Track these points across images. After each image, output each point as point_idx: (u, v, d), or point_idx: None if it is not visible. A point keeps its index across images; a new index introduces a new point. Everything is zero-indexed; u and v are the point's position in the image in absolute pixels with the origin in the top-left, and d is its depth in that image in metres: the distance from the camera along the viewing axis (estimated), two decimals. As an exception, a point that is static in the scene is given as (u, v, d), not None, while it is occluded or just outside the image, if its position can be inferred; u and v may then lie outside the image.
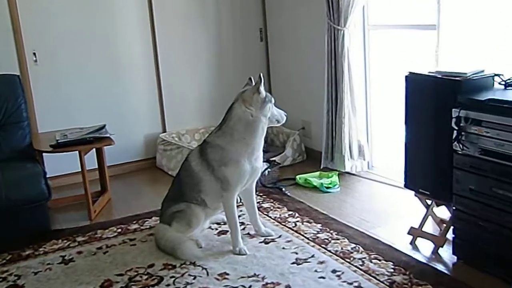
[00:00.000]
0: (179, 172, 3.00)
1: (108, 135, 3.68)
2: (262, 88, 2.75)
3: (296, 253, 2.85)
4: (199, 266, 2.77)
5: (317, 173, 4.13)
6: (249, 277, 2.63)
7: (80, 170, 3.53)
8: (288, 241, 3.01)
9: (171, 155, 4.46)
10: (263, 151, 2.92)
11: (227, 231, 3.06)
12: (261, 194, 3.82)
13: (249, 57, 5.02)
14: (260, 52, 5.06)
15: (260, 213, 3.39)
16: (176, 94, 4.77)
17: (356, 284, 2.52)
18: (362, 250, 2.85)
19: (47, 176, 3.30)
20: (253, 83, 2.86)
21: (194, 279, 2.64)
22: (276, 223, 3.29)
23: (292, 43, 4.75)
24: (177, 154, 4.39)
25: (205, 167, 2.81)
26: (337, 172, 4.06)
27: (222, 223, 3.26)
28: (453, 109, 2.55)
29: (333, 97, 4.04)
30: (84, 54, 4.33)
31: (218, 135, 2.82)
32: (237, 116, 2.76)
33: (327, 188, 3.84)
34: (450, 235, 2.75)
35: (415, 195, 2.96)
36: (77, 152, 3.52)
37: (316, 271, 2.66)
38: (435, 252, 2.81)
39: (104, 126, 3.81)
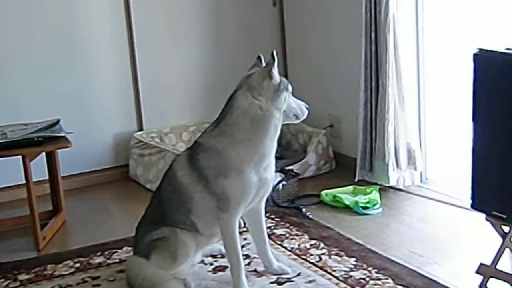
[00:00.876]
0: (160, 186, 2.99)
1: (63, 134, 3.67)
2: (275, 71, 2.74)
3: (321, 299, 2.84)
4: (186, 315, 2.77)
5: (350, 187, 4.13)
6: (256, 331, 2.63)
7: (24, 182, 3.52)
8: (310, 281, 3.00)
9: (150, 162, 4.47)
10: (276, 157, 2.90)
11: (226, 266, 3.04)
12: (273, 216, 3.81)
13: (256, 28, 5.03)
14: (273, 21, 5.07)
15: (272, 242, 3.37)
16: (158, 80, 4.79)
17: None
18: (413, 295, 2.84)
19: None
20: (263, 64, 2.84)
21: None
22: (294, 256, 3.29)
23: (317, 8, 4.77)
24: (158, 160, 4.40)
25: (196, 179, 2.80)
26: (378, 187, 4.05)
27: (219, 256, 3.25)
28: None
29: (373, 84, 4.03)
30: (32, 29, 4.35)
31: (214, 135, 2.81)
32: (240, 109, 2.75)
33: (364, 208, 3.84)
34: (535, 276, 2.73)
35: (487, 219, 2.93)
36: (19, 157, 3.51)
37: (348, 324, 2.65)
38: (515, 299, 2.78)
39: (57, 122, 3.80)
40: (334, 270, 3.09)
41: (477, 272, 2.94)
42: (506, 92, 2.72)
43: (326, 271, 3.09)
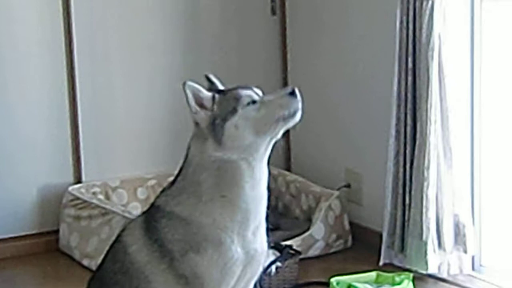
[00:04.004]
0: (103, 264, 2.95)
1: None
2: (191, 103, 2.75)
3: None
4: None
5: (373, 274, 4.09)
6: None
7: None
8: None
9: (90, 228, 4.44)
10: (268, 228, 2.87)
11: None
12: (262, 311, 3.78)
13: (248, 45, 5.08)
14: (271, 35, 5.12)
15: None
16: (105, 112, 4.81)
17: None
18: None
19: None
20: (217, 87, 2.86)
21: None
22: None
23: (332, 20, 4.81)
24: (102, 226, 4.37)
25: (158, 255, 2.76)
26: (412, 275, 4.01)
27: None
28: None
29: (408, 129, 4.05)
30: None
31: (173, 195, 2.79)
32: (195, 161, 2.76)
33: (392, 305, 3.82)
34: None
35: None
36: None
37: None
38: None
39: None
40: None
41: None
42: None
43: None
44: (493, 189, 4.18)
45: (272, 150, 2.73)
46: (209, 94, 2.72)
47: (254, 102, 2.67)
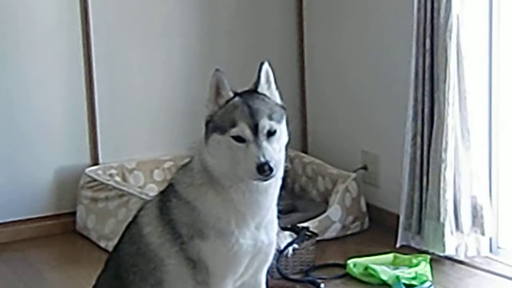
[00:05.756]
0: (120, 245, 2.96)
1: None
2: (212, 90, 2.70)
3: None
4: None
5: (390, 256, 4.11)
6: None
7: None
8: None
9: (107, 209, 4.46)
10: (280, 210, 2.85)
11: None
12: (278, 293, 3.78)
13: (264, 29, 5.08)
14: (288, 14, 5.12)
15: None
16: (122, 95, 4.83)
17: None
18: None
19: None
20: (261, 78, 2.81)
21: None
22: None
23: (351, 2, 4.81)
24: (119, 208, 4.39)
25: (170, 238, 2.78)
26: (429, 257, 4.03)
27: None
28: None
29: (426, 111, 4.04)
30: None
31: (181, 174, 2.82)
32: (197, 148, 2.77)
33: (409, 286, 3.81)
34: None
35: None
36: None
37: None
38: None
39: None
40: None
41: None
42: None
43: None
44: (511, 171, 4.17)
45: (289, 134, 2.68)
46: (228, 94, 2.68)
47: (242, 140, 2.60)
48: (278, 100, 2.75)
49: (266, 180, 2.58)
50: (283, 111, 2.70)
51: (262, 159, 2.54)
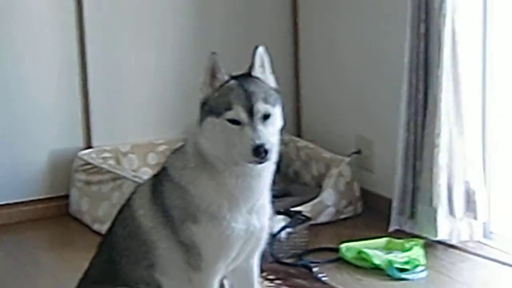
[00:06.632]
0: (113, 228, 2.96)
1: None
2: (207, 72, 2.70)
3: None
4: None
5: (383, 240, 4.11)
6: None
7: None
8: None
9: (100, 192, 4.47)
10: (273, 194, 2.86)
11: None
12: (271, 277, 3.78)
13: (256, 13, 5.09)
14: (280, 6, 5.14)
15: (268, 315, 3.34)
16: (116, 77, 4.83)
17: None
18: None
19: None
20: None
21: None
22: (299, 336, 3.23)
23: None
24: (112, 191, 4.39)
25: (162, 221, 2.79)
26: (422, 241, 4.04)
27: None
28: None
29: (420, 96, 4.05)
30: None
31: (174, 157, 2.83)
32: (191, 131, 2.77)
33: (401, 270, 3.81)
34: None
35: None
36: None
37: None
38: None
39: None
40: None
41: None
42: None
43: None
44: (504, 156, 4.18)
45: (284, 118, 2.68)
46: (224, 77, 2.68)
47: (237, 123, 2.60)
48: (273, 84, 2.75)
49: (261, 162, 2.58)
50: (278, 95, 2.70)
51: (258, 142, 2.54)
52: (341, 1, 4.85)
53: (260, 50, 2.71)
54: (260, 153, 2.54)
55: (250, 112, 2.58)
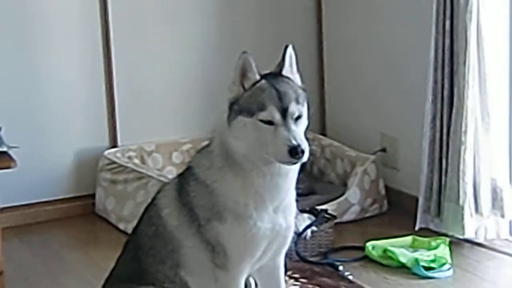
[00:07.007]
0: (139, 227, 2.97)
1: (4, 149, 3.68)
2: (235, 79, 2.67)
3: None
4: None
5: (409, 239, 4.10)
6: None
7: None
8: None
9: (126, 191, 4.48)
10: (298, 193, 2.85)
11: None
12: (297, 275, 3.78)
13: (282, 14, 5.09)
14: (306, 4, 5.14)
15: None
16: (140, 78, 4.83)
17: None
18: None
19: None
20: (286, 61, 2.79)
21: None
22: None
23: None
24: (138, 190, 4.40)
25: (187, 220, 2.79)
26: (448, 240, 4.02)
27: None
28: None
29: (445, 93, 4.03)
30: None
31: (200, 156, 2.84)
32: (217, 127, 2.77)
33: (428, 269, 3.80)
34: None
35: None
36: None
37: None
38: None
39: (-3, 131, 3.84)
40: None
41: None
42: None
43: None
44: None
45: (310, 117, 2.67)
46: (255, 77, 2.66)
47: (270, 123, 2.59)
48: (299, 83, 2.75)
49: (296, 163, 2.59)
50: (305, 94, 2.70)
51: (295, 142, 2.54)
52: (365, 1, 4.84)
53: (290, 49, 2.71)
54: (297, 153, 2.54)
55: (284, 112, 2.58)
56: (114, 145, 4.80)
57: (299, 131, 2.58)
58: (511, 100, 4.10)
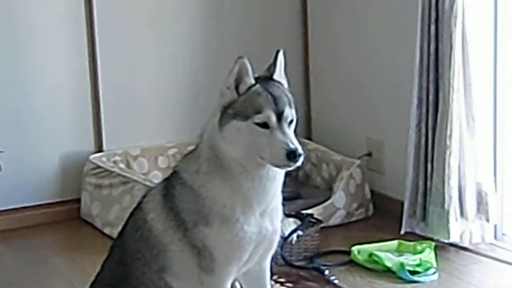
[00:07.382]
0: (124, 231, 2.96)
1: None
2: (229, 83, 2.67)
3: None
4: None
5: (394, 243, 4.10)
6: None
7: None
8: None
9: (111, 196, 4.48)
10: (285, 197, 2.86)
11: None
12: (282, 280, 3.78)
13: (267, 18, 5.10)
14: (291, 7, 5.15)
15: (280, 318, 3.34)
16: (126, 81, 4.84)
17: None
18: None
19: None
20: (276, 66, 2.79)
21: None
22: None
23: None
24: (123, 194, 4.40)
25: (173, 224, 2.78)
26: (434, 244, 4.02)
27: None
28: None
29: (430, 98, 4.04)
30: None
31: (187, 161, 2.83)
32: (206, 133, 2.76)
33: (413, 273, 3.80)
34: None
35: None
36: None
37: None
38: None
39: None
40: None
41: None
42: None
43: None
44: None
45: (297, 120, 2.67)
46: (251, 82, 2.66)
47: (266, 126, 2.60)
48: (287, 87, 2.76)
49: (291, 167, 2.59)
50: (293, 98, 2.71)
51: (292, 146, 2.56)
52: (349, 3, 4.84)
53: (281, 55, 2.73)
54: (294, 157, 2.55)
55: (279, 116, 2.59)
56: (99, 149, 4.79)
57: (292, 135, 2.60)
58: (495, 105, 4.10)
